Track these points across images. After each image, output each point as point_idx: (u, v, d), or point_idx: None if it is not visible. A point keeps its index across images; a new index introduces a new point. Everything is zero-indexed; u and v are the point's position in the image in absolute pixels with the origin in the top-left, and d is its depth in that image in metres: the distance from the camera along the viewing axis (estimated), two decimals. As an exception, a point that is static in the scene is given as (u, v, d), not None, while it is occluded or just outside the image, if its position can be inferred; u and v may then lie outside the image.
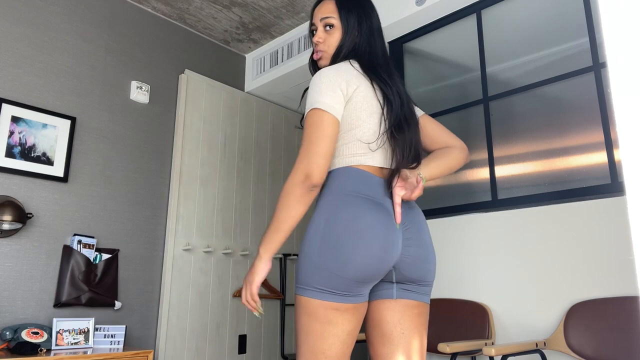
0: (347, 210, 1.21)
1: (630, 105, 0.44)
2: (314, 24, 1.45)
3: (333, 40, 1.41)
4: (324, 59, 1.43)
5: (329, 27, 1.41)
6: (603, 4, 0.47)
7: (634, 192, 0.43)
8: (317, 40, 1.42)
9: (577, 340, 1.82)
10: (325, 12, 1.42)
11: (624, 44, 0.45)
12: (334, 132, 1.23)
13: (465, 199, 2.45)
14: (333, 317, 1.18)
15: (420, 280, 1.29)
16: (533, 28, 2.37)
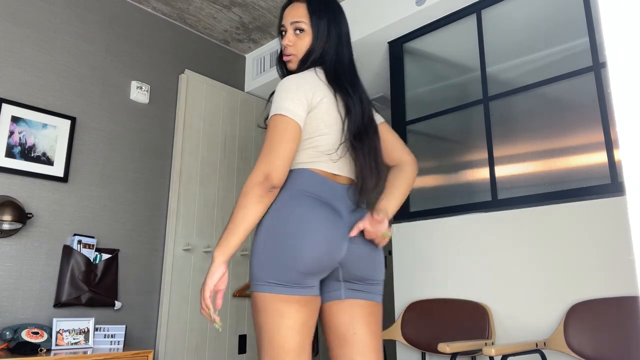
0: (294, 207, 1.26)
1: (630, 105, 0.44)
2: (283, 26, 1.45)
3: (303, 44, 1.42)
4: (293, 62, 1.44)
5: (299, 32, 1.42)
6: (603, 4, 0.47)
7: (634, 192, 0.43)
8: (286, 43, 1.43)
9: (577, 340, 1.82)
10: (296, 15, 1.43)
11: (624, 44, 0.45)
12: (296, 138, 1.26)
13: (465, 199, 2.45)
14: (284, 309, 1.21)
15: (369, 278, 1.34)
16: (533, 28, 2.37)
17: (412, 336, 2.34)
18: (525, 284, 2.07)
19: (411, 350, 2.42)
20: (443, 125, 2.66)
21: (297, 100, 1.28)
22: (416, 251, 2.51)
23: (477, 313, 2.16)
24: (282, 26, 1.46)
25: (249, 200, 1.21)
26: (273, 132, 1.26)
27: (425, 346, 2.28)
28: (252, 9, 3.20)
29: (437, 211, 2.53)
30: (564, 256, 1.98)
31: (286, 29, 1.44)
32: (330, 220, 1.26)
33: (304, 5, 1.43)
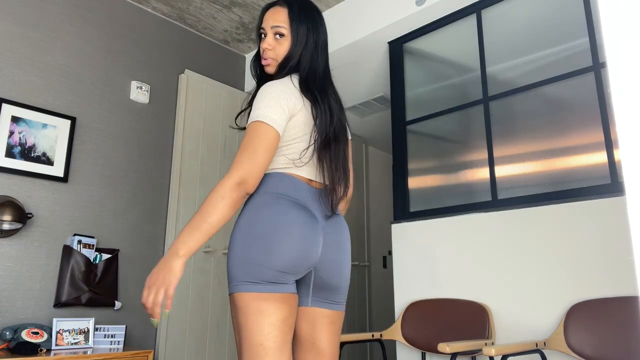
0: (271, 208, 1.28)
1: (630, 105, 0.44)
2: (263, 29, 1.46)
3: (282, 49, 1.43)
4: (272, 66, 1.45)
5: (279, 36, 1.43)
6: (603, 3, 0.47)
7: (633, 192, 0.43)
8: (265, 47, 1.43)
9: (577, 340, 1.82)
10: (277, 20, 1.44)
11: (624, 44, 0.45)
12: (274, 146, 1.29)
13: (465, 199, 2.45)
14: (264, 307, 1.22)
15: (336, 286, 1.37)
16: (533, 28, 2.37)
17: (412, 336, 2.34)
18: (525, 284, 2.08)
19: (411, 350, 2.42)
20: (443, 125, 2.66)
21: (280, 109, 1.30)
22: (416, 251, 2.51)
23: (477, 313, 2.16)
24: (262, 29, 1.46)
25: (224, 203, 1.19)
26: (254, 138, 1.26)
27: (425, 346, 2.28)
28: (252, 9, 3.20)
29: (437, 211, 2.53)
30: (564, 256, 1.98)
31: (266, 32, 1.45)
32: (307, 222, 1.28)
33: (285, 10, 1.44)
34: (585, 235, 1.94)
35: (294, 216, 1.27)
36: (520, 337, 2.05)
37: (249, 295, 1.22)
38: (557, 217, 2.04)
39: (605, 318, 1.79)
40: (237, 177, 1.21)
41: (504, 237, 2.18)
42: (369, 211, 4.65)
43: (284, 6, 1.45)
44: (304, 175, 1.36)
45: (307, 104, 1.37)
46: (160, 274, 1.15)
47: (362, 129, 4.51)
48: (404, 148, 2.78)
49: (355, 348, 4.11)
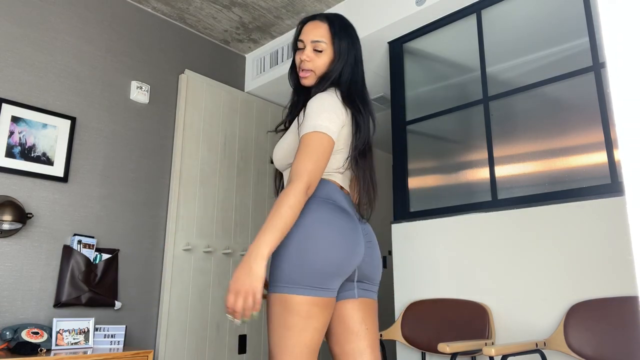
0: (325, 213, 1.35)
1: (630, 105, 0.44)
2: (302, 41, 1.49)
3: (321, 62, 1.48)
4: (310, 78, 1.49)
5: (318, 52, 1.48)
6: (603, 3, 0.47)
7: (633, 192, 0.43)
8: (304, 59, 1.47)
9: (577, 340, 1.82)
10: (318, 35, 1.47)
11: (624, 44, 0.45)
12: (330, 155, 1.38)
13: (465, 199, 2.45)
14: (314, 312, 1.28)
15: (374, 278, 1.48)
16: (533, 28, 2.37)
17: (412, 336, 2.34)
18: (525, 284, 2.07)
19: (411, 350, 2.42)
20: (443, 125, 2.66)
21: (337, 119, 1.37)
22: (416, 251, 2.51)
23: (477, 313, 2.16)
24: (300, 41, 1.50)
25: (296, 205, 1.26)
26: (318, 148, 1.34)
27: (425, 346, 2.28)
28: (252, 9, 3.20)
29: (437, 211, 2.53)
30: (564, 256, 1.98)
31: (305, 45, 1.48)
32: (352, 226, 1.36)
33: (325, 25, 1.49)
34: (585, 235, 1.94)
35: (344, 221, 1.35)
36: (520, 337, 2.05)
37: (303, 299, 1.27)
38: (557, 217, 2.04)
39: (605, 318, 1.79)
40: (306, 182, 1.29)
41: (504, 237, 2.18)
42: (369, 211, 4.64)
43: (324, 21, 1.49)
44: (339, 182, 1.45)
45: (348, 116, 1.44)
46: (247, 279, 1.19)
47: (362, 129, 4.50)
48: (404, 148, 2.78)
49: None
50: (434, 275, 2.41)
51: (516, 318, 2.07)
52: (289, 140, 1.47)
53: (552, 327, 1.96)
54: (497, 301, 2.15)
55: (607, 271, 1.86)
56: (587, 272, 1.91)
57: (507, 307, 2.11)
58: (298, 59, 1.50)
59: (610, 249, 1.87)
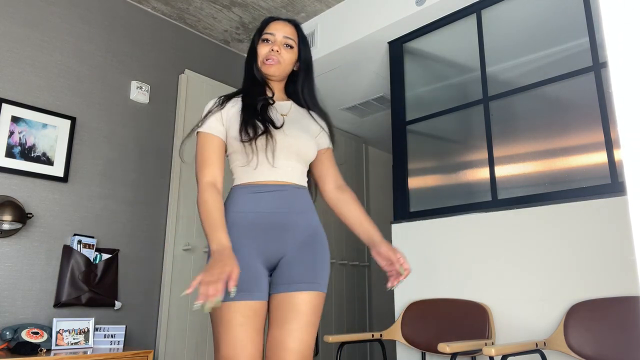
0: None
1: (632, 104, 0.44)
2: (272, 34, 1.56)
3: (288, 57, 1.57)
4: (275, 68, 1.55)
5: (288, 47, 1.58)
6: (603, 3, 0.47)
7: (635, 192, 0.43)
8: (276, 49, 1.54)
9: (577, 340, 1.82)
10: (289, 32, 1.58)
11: (625, 43, 0.45)
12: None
13: (465, 199, 2.45)
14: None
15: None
16: (533, 28, 2.37)
17: (412, 336, 2.34)
18: (525, 284, 2.08)
19: (411, 350, 2.42)
20: (443, 125, 2.66)
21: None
22: (416, 251, 2.51)
23: (477, 313, 2.16)
24: (269, 33, 1.57)
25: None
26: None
27: (425, 346, 2.28)
28: (252, 9, 3.20)
29: (437, 211, 2.53)
30: (564, 256, 1.98)
31: (275, 39, 1.56)
32: None
33: (293, 28, 1.60)
34: (585, 235, 1.94)
35: None
36: (520, 337, 2.05)
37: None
38: (557, 217, 2.04)
39: (605, 318, 1.79)
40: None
41: (504, 237, 2.18)
42: (369, 211, 4.65)
43: (292, 24, 1.61)
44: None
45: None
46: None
47: (362, 129, 4.51)
48: (404, 148, 2.78)
49: (355, 348, 4.11)
50: (434, 275, 2.41)
51: (516, 318, 2.07)
52: (320, 142, 1.64)
53: (552, 327, 1.96)
54: (497, 301, 2.15)
55: (607, 271, 1.86)
56: (587, 272, 1.91)
57: (507, 307, 2.11)
58: (266, 50, 1.55)
59: (610, 249, 1.87)
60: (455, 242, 2.36)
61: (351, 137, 4.59)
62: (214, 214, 1.37)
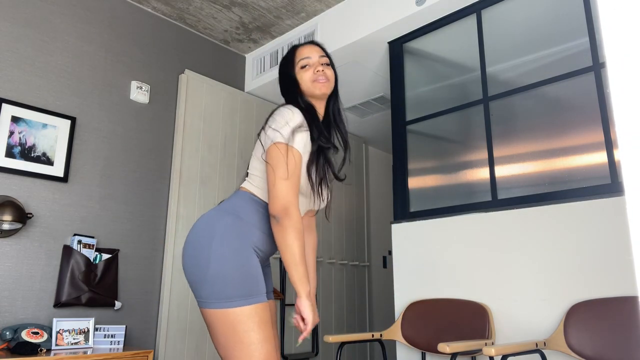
0: None
1: (630, 105, 0.44)
2: (308, 57, 1.58)
3: (332, 75, 1.60)
4: (329, 87, 1.58)
5: (327, 65, 1.61)
6: (602, 4, 0.47)
7: (632, 192, 0.43)
8: (320, 69, 1.56)
9: (577, 340, 1.82)
10: (321, 52, 1.62)
11: (624, 44, 0.45)
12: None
13: (465, 199, 2.45)
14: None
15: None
16: (533, 28, 2.37)
17: (412, 336, 2.34)
18: (525, 284, 2.08)
19: (411, 350, 2.42)
20: (443, 125, 2.66)
21: None
22: (416, 251, 2.51)
23: (477, 313, 2.16)
24: (305, 58, 1.58)
25: None
26: None
27: (425, 346, 2.28)
28: (252, 9, 3.20)
29: (437, 211, 2.53)
30: (564, 256, 1.98)
31: (312, 62, 1.57)
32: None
33: (320, 48, 1.64)
34: (585, 235, 1.94)
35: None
36: (520, 337, 2.05)
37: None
38: (557, 217, 2.04)
39: (605, 318, 1.79)
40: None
41: (504, 237, 2.18)
42: (369, 211, 4.65)
43: (317, 46, 1.64)
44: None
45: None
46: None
47: (362, 129, 4.51)
48: (404, 148, 2.78)
49: (355, 348, 4.11)
50: (434, 275, 2.41)
51: (516, 318, 2.07)
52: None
53: (552, 327, 1.96)
54: (497, 301, 2.15)
55: (607, 271, 1.86)
56: (587, 272, 1.91)
57: (507, 307, 2.11)
58: (309, 73, 1.55)
59: (610, 249, 1.87)
60: (455, 242, 2.36)
61: (351, 137, 4.60)
62: (304, 258, 1.39)
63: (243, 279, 1.33)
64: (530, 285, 2.06)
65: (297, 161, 1.39)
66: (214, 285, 1.32)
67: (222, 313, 1.31)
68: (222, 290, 1.31)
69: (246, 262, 1.35)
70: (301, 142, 1.41)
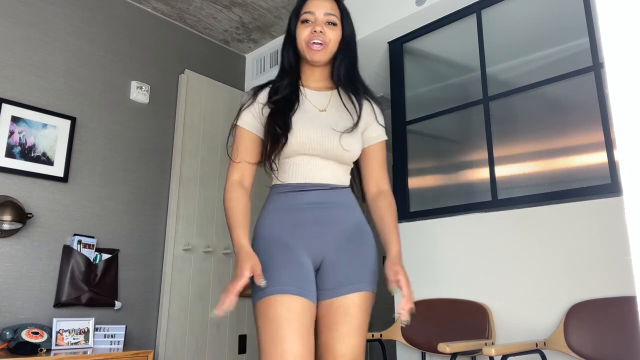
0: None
1: (628, 105, 0.44)
2: (311, 13, 1.39)
3: (334, 36, 1.39)
4: (323, 53, 1.38)
5: (332, 25, 1.39)
6: (600, 5, 0.47)
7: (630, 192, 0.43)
8: (319, 30, 1.36)
9: (577, 340, 1.82)
10: (330, 8, 1.40)
11: (622, 44, 0.45)
12: None
13: (465, 199, 2.45)
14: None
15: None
16: (533, 28, 2.37)
17: (412, 336, 2.34)
18: (525, 284, 2.07)
19: (411, 350, 2.42)
20: (443, 125, 2.66)
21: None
22: (416, 251, 2.51)
23: (477, 313, 2.15)
24: (307, 12, 1.39)
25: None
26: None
27: (425, 346, 2.28)
28: (252, 9, 3.20)
29: (437, 211, 2.53)
30: (564, 256, 1.98)
31: (315, 18, 1.38)
32: None
33: (332, 3, 1.41)
34: (585, 235, 1.94)
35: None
36: (520, 337, 2.05)
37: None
38: (557, 217, 2.03)
39: (605, 318, 1.79)
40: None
41: (504, 237, 2.18)
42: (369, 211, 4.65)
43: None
44: None
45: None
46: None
47: (362, 129, 4.49)
48: (404, 148, 2.78)
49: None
50: (434, 275, 2.41)
51: (516, 318, 2.07)
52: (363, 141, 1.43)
53: (552, 327, 1.96)
54: (497, 301, 2.15)
55: (607, 271, 1.86)
56: (587, 272, 1.91)
57: (507, 307, 2.11)
58: (308, 31, 1.37)
59: (610, 249, 1.87)
60: (455, 242, 2.36)
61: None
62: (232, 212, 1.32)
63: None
64: (530, 285, 2.06)
65: (240, 136, 1.42)
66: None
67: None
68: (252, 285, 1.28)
69: (264, 248, 1.32)
70: (245, 117, 1.40)
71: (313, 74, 1.45)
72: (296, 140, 1.32)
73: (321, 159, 1.35)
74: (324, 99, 1.42)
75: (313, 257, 1.32)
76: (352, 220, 1.37)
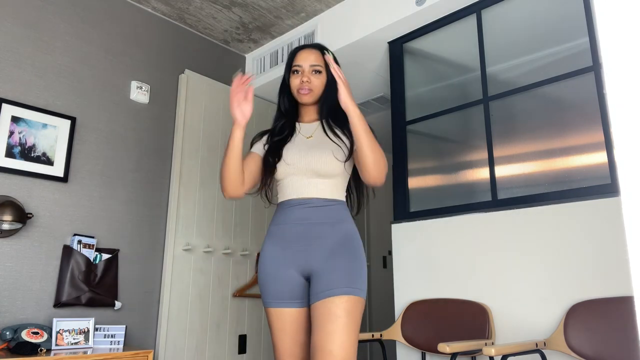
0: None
1: (626, 106, 0.44)
2: (300, 66, 1.70)
3: (319, 83, 1.70)
4: (310, 96, 1.69)
5: (317, 73, 1.70)
6: (598, 5, 0.47)
7: (628, 192, 0.43)
8: (306, 80, 1.67)
9: (577, 340, 1.82)
10: (314, 60, 1.70)
11: (620, 45, 0.45)
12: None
13: (465, 199, 2.45)
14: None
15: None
16: (533, 28, 2.37)
17: (412, 336, 2.34)
18: (525, 284, 2.07)
19: (411, 350, 2.42)
20: (443, 125, 2.66)
21: None
22: (416, 251, 2.51)
23: (477, 313, 2.15)
24: (297, 65, 1.70)
25: (384, 161, 1.56)
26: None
27: (425, 346, 2.28)
28: (252, 9, 3.20)
29: (437, 211, 2.53)
30: (564, 256, 1.98)
31: (303, 69, 1.69)
32: None
33: (318, 52, 1.72)
34: (585, 235, 1.94)
35: None
36: (520, 337, 2.05)
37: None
38: (557, 217, 2.03)
39: (605, 318, 1.79)
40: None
41: (504, 237, 2.18)
42: (369, 211, 4.65)
43: (317, 49, 1.73)
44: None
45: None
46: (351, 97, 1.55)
47: (362, 129, 4.49)
48: (404, 148, 2.78)
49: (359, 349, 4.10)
50: (434, 275, 2.41)
51: (516, 318, 2.07)
52: (339, 157, 1.63)
53: (552, 327, 1.96)
54: (497, 301, 2.15)
55: (607, 271, 1.86)
56: (587, 272, 1.91)
57: (507, 307, 2.11)
58: (297, 81, 1.68)
59: (610, 249, 1.87)
60: (455, 242, 2.36)
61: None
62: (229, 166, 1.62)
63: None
64: (530, 285, 2.06)
65: (247, 154, 1.74)
66: None
67: None
68: None
69: (260, 268, 1.65)
70: (253, 147, 1.78)
71: (306, 112, 1.77)
72: (284, 162, 1.63)
73: (306, 176, 1.61)
74: (312, 128, 1.73)
75: (301, 270, 1.57)
76: (337, 234, 1.57)
